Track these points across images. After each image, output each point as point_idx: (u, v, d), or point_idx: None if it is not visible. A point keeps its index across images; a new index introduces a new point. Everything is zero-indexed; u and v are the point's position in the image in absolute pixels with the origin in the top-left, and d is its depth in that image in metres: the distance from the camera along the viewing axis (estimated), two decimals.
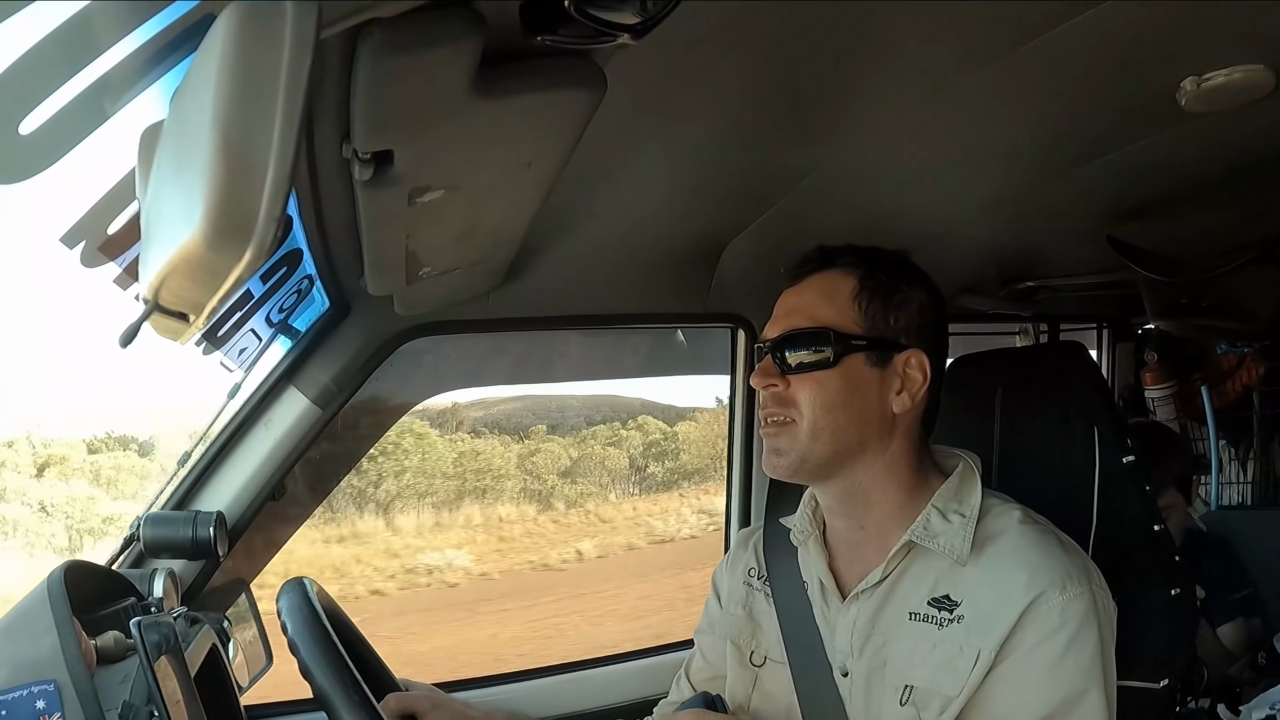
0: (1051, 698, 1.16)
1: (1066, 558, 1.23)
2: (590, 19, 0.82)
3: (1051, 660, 1.17)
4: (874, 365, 1.31)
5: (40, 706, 1.06)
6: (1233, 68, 1.24)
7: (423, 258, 1.47)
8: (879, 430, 1.32)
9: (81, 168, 0.92)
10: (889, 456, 1.33)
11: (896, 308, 1.33)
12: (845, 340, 1.30)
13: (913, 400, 1.32)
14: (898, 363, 1.32)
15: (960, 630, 1.22)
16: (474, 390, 12.77)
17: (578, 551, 13.71)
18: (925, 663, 1.24)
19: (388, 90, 0.88)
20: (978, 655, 1.19)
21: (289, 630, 1.32)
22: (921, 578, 1.29)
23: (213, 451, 1.84)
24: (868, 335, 1.31)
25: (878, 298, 1.33)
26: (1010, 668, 1.18)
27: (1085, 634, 1.18)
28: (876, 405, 1.31)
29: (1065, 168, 1.65)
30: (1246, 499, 3.17)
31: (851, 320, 1.32)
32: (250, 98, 0.60)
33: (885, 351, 1.31)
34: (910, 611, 1.28)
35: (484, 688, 2.18)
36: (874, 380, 1.31)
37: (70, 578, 1.24)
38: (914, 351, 1.32)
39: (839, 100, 1.33)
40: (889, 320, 1.32)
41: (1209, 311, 2.23)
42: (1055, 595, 1.18)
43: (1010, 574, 1.22)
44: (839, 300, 1.33)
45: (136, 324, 0.80)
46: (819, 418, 1.30)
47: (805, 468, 1.33)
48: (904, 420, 1.33)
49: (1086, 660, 1.17)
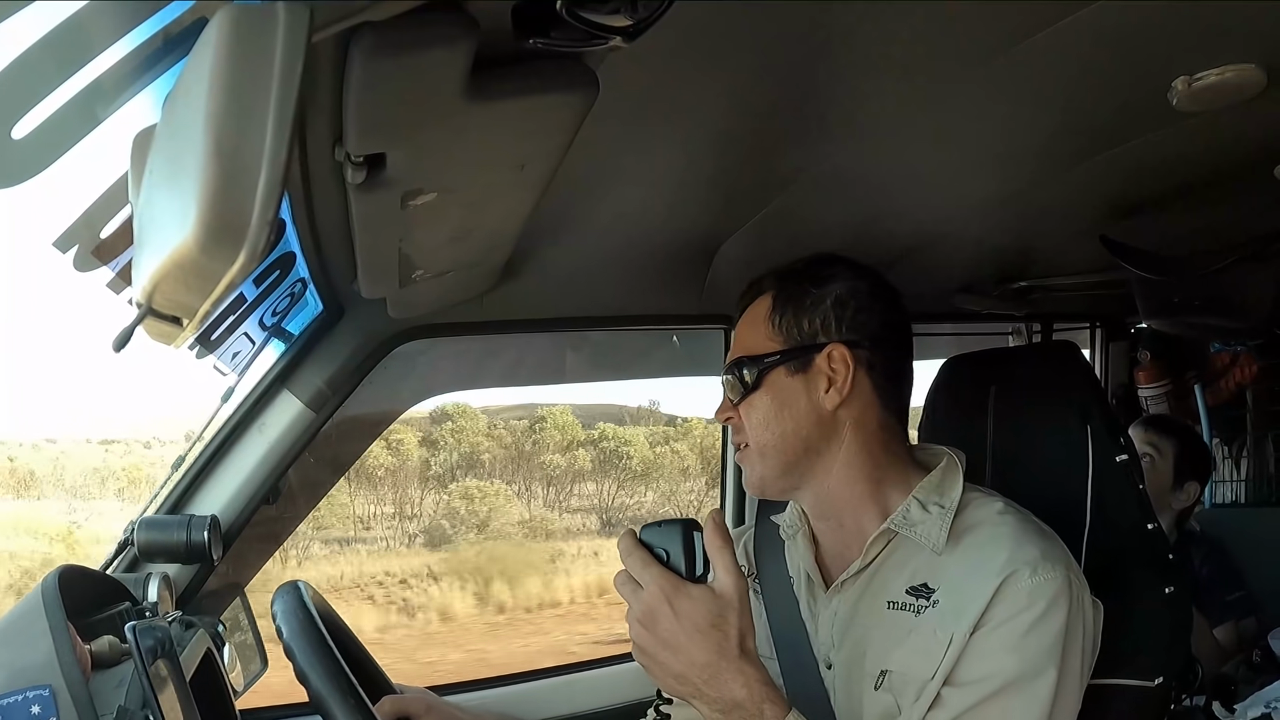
0: (1006, 672, 1.16)
1: (1044, 543, 1.24)
2: (582, 22, 0.82)
3: (1013, 636, 1.17)
4: (794, 373, 1.35)
5: (35, 712, 1.05)
6: (1225, 67, 1.24)
7: (416, 260, 1.47)
8: (822, 432, 1.35)
9: (74, 172, 0.92)
10: (845, 454, 1.35)
11: (808, 311, 1.36)
12: (759, 360, 1.36)
13: (842, 393, 1.34)
14: (819, 362, 1.34)
15: (935, 614, 1.23)
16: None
17: None
18: (900, 648, 1.25)
19: (380, 93, 0.88)
20: (951, 638, 1.19)
21: (284, 634, 1.32)
22: (901, 568, 1.30)
23: (207, 455, 1.84)
24: (781, 349, 1.36)
25: (789, 309, 1.37)
26: (974, 642, 1.19)
27: (1051, 616, 1.18)
28: (809, 409, 1.34)
29: (1058, 168, 1.65)
30: (1240, 497, 3.19)
31: (768, 339, 1.37)
32: (243, 101, 0.61)
33: (801, 356, 1.35)
34: (889, 600, 1.29)
35: (477, 690, 2.18)
36: (798, 387, 1.35)
37: (65, 583, 1.24)
38: (832, 346, 1.34)
39: (832, 102, 1.33)
40: (801, 326, 1.36)
41: (1202, 310, 2.23)
42: (1026, 576, 1.19)
43: (986, 559, 1.23)
44: (758, 324, 1.39)
45: (130, 328, 0.80)
46: (760, 437, 1.35)
47: (769, 484, 1.38)
48: (848, 415, 1.35)
49: (1049, 641, 1.17)
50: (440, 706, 1.56)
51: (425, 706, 1.53)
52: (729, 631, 1.09)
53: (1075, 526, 1.46)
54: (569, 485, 14.22)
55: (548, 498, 14.09)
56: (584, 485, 14.35)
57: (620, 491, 14.28)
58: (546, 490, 14.10)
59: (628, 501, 14.17)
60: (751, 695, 1.09)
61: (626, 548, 1.14)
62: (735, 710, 1.09)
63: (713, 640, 1.08)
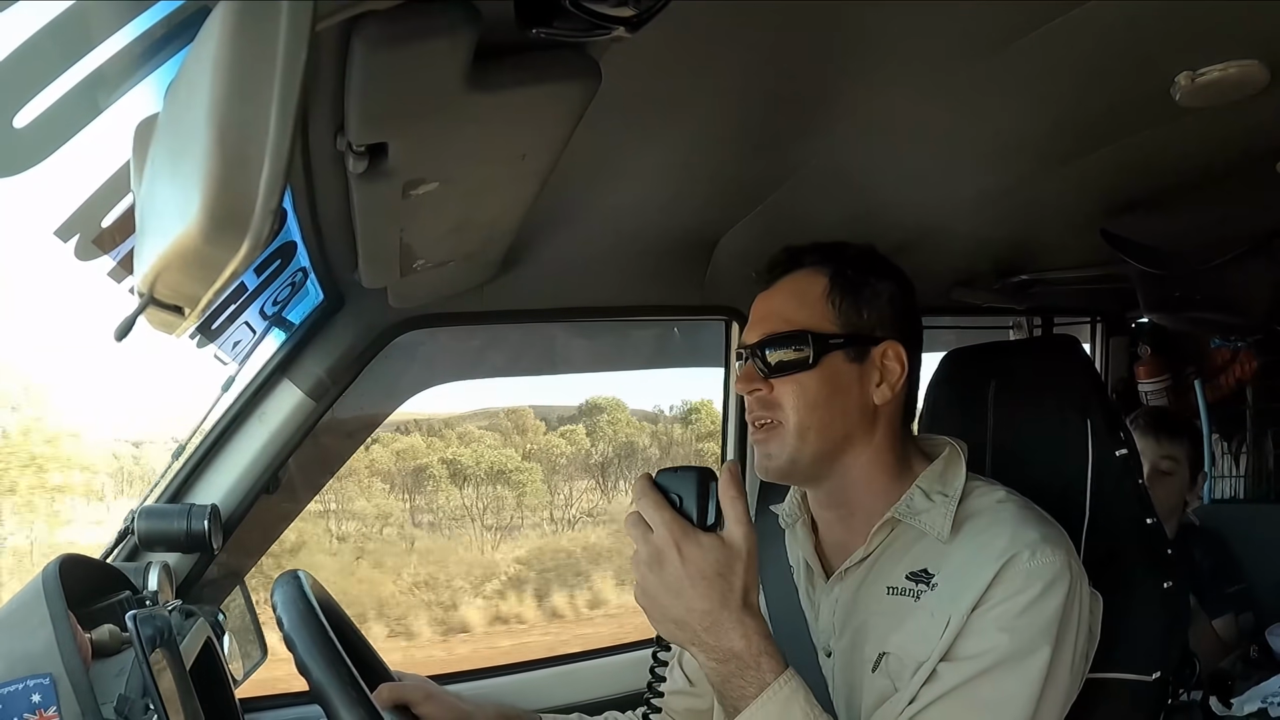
0: (1000, 650, 1.16)
1: (1044, 528, 1.24)
2: (585, 12, 0.82)
3: (1008, 616, 1.17)
4: (852, 361, 1.33)
5: (36, 700, 1.06)
6: (1227, 63, 1.24)
7: (417, 250, 1.47)
8: (863, 423, 1.34)
9: (77, 161, 0.92)
10: (874, 448, 1.35)
11: (868, 301, 1.35)
12: (822, 340, 1.32)
13: (893, 391, 1.34)
14: (875, 356, 1.34)
15: (933, 597, 1.24)
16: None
17: None
18: (898, 631, 1.25)
19: (382, 83, 0.88)
20: (949, 620, 1.19)
21: (284, 624, 1.32)
22: (902, 555, 1.30)
23: (207, 444, 1.84)
24: (843, 332, 1.33)
25: (849, 294, 1.35)
26: (971, 621, 1.19)
27: (1048, 597, 1.18)
28: (858, 400, 1.34)
29: (1060, 162, 1.65)
30: (1239, 493, 3.19)
31: (826, 319, 1.34)
32: (245, 91, 0.60)
33: (862, 346, 1.34)
34: (889, 586, 1.29)
35: (477, 680, 2.18)
36: (854, 375, 1.33)
37: (65, 571, 1.24)
38: (890, 343, 1.34)
39: (834, 95, 1.33)
40: (862, 315, 1.35)
41: (1203, 305, 2.23)
42: (1025, 559, 1.19)
43: (987, 543, 1.23)
44: (811, 300, 1.36)
45: (131, 317, 0.80)
46: (804, 418, 1.32)
47: (797, 469, 1.35)
48: (886, 411, 1.35)
49: (1044, 621, 1.17)
50: (439, 694, 1.55)
51: (424, 694, 1.53)
52: (734, 582, 1.09)
53: (1074, 520, 1.46)
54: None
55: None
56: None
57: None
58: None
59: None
60: (749, 647, 1.09)
61: (641, 489, 1.13)
62: (732, 660, 1.09)
63: (716, 589, 1.08)
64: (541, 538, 12.30)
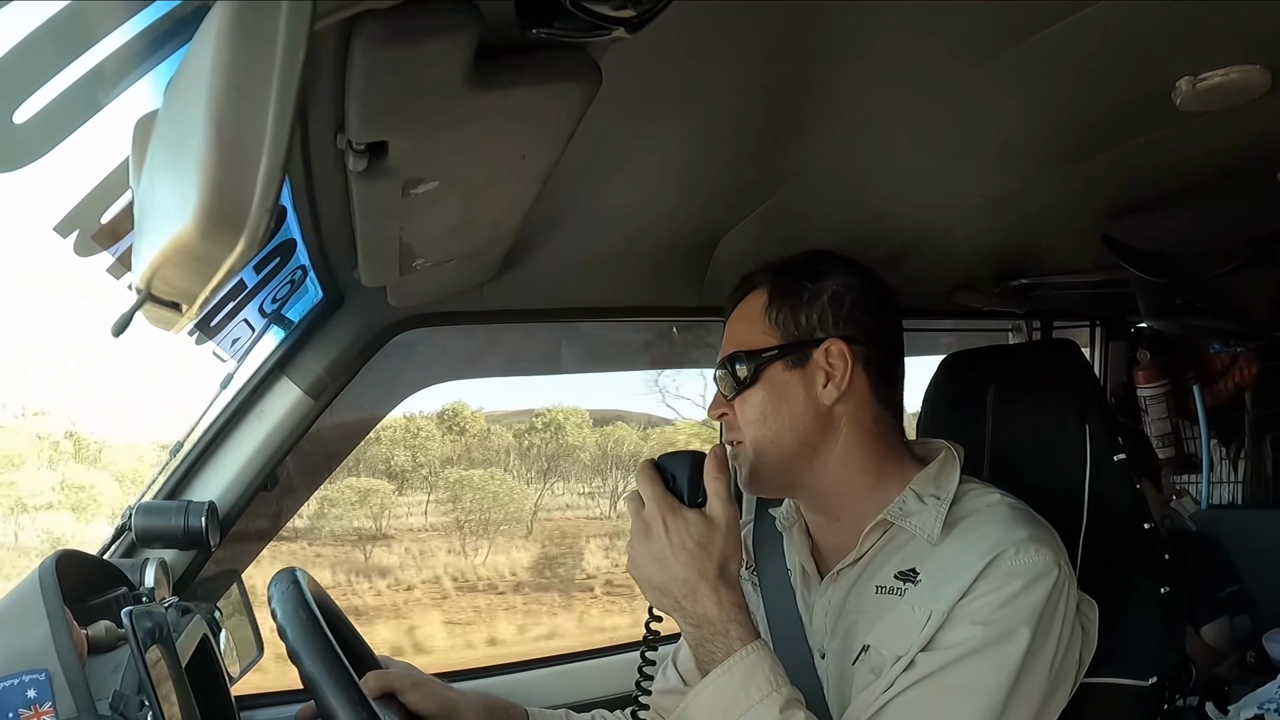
0: (975, 639, 1.17)
1: (1033, 528, 1.25)
2: (586, 13, 0.82)
3: (988, 610, 1.18)
4: (792, 368, 1.36)
5: (31, 695, 1.06)
6: (1229, 68, 1.24)
7: (417, 249, 1.47)
8: (819, 427, 1.36)
9: (75, 157, 0.92)
10: (841, 449, 1.36)
11: (805, 306, 1.38)
12: (756, 355, 1.37)
13: (840, 388, 1.35)
14: (817, 357, 1.36)
15: (916, 593, 1.25)
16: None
17: None
18: (879, 624, 1.26)
19: (382, 82, 0.88)
20: (930, 614, 1.20)
21: (279, 619, 1.32)
22: (892, 556, 1.31)
23: (205, 441, 1.84)
24: (779, 343, 1.37)
25: (785, 303, 1.39)
26: (952, 614, 1.20)
27: (1029, 591, 1.19)
28: (806, 404, 1.35)
29: (1060, 166, 1.65)
30: (1237, 498, 3.19)
31: (765, 334, 1.38)
32: (245, 88, 0.60)
33: (799, 351, 1.36)
34: (877, 586, 1.30)
35: (469, 680, 2.18)
36: (796, 382, 1.36)
37: (62, 567, 1.24)
38: (831, 341, 1.36)
39: (835, 97, 1.33)
40: (799, 321, 1.38)
41: (1202, 311, 2.23)
42: (1010, 555, 1.20)
43: (974, 542, 1.24)
44: (753, 319, 1.41)
45: (129, 313, 0.80)
46: (755, 433, 1.36)
47: (763, 482, 1.39)
48: (845, 410, 1.36)
49: (1024, 613, 1.18)
50: (425, 682, 1.55)
51: (411, 682, 1.53)
52: (712, 553, 1.19)
53: (1072, 525, 1.46)
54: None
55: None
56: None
57: None
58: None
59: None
60: (721, 614, 1.18)
61: (642, 470, 1.25)
62: (705, 625, 1.19)
63: (696, 559, 1.18)
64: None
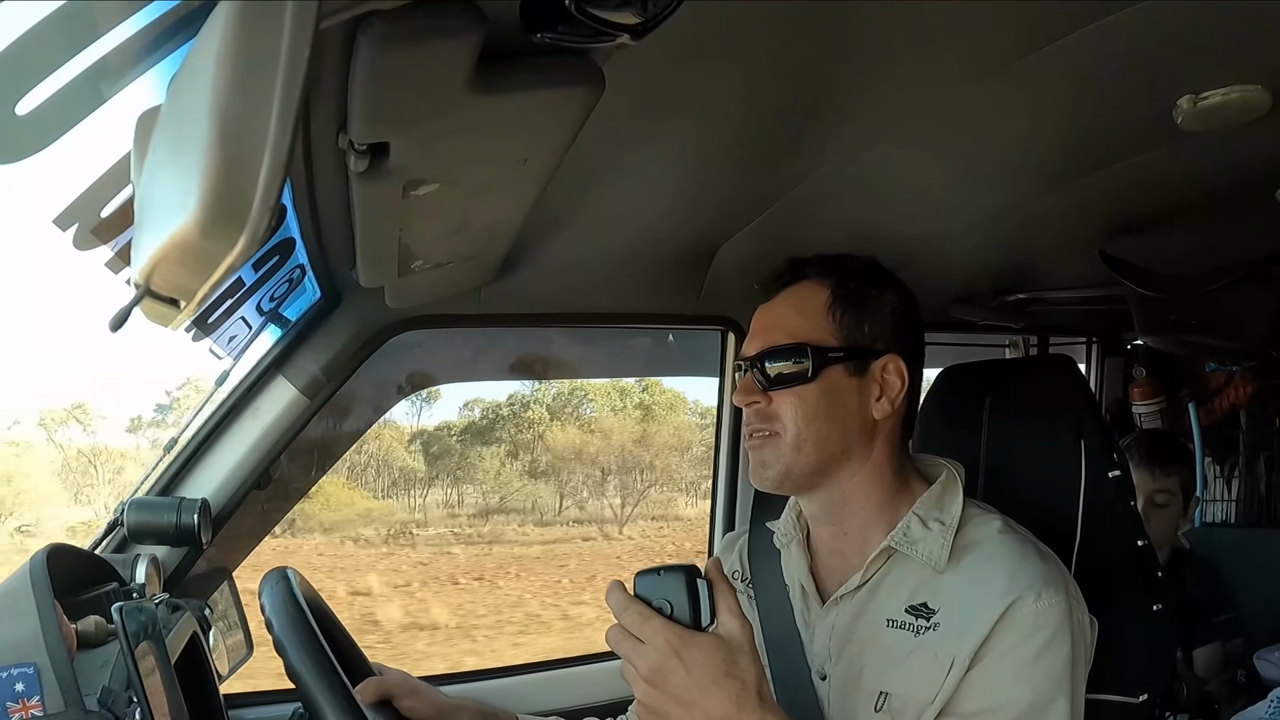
0: (1019, 703, 1.16)
1: (1044, 566, 1.23)
2: (591, 18, 0.82)
3: (1022, 665, 1.17)
4: (852, 374, 1.33)
5: (19, 689, 1.05)
6: (1230, 88, 1.24)
7: (415, 251, 1.47)
8: (861, 438, 1.33)
9: (77, 150, 0.92)
10: (872, 463, 1.34)
11: (870, 314, 1.34)
12: (822, 353, 1.32)
13: (893, 405, 1.33)
14: (875, 369, 1.33)
15: (936, 637, 1.23)
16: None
17: None
18: (900, 669, 1.24)
19: (386, 83, 0.88)
20: (952, 662, 1.19)
21: (270, 619, 1.31)
22: (900, 584, 1.29)
23: (199, 438, 1.84)
24: (844, 345, 1.33)
25: (851, 306, 1.34)
26: (982, 671, 1.18)
27: (1058, 643, 1.18)
28: (857, 413, 1.33)
29: (1060, 182, 1.65)
30: (1231, 517, 3.19)
31: (827, 331, 1.33)
32: (248, 86, 0.60)
33: (862, 359, 1.33)
34: (888, 619, 1.28)
35: (459, 684, 2.17)
36: (853, 389, 1.32)
37: (53, 561, 1.24)
38: (891, 357, 1.34)
39: (837, 108, 1.33)
40: (863, 328, 1.34)
41: (1199, 329, 2.24)
42: (1030, 601, 1.18)
43: (987, 581, 1.22)
44: (813, 312, 1.35)
45: (127, 308, 0.80)
46: (802, 430, 1.31)
47: (791, 479, 1.34)
48: (885, 426, 1.34)
49: (1057, 669, 1.17)
50: (421, 689, 1.55)
51: (408, 689, 1.53)
52: (745, 679, 1.02)
53: (1065, 540, 1.46)
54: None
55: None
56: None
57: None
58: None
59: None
60: None
61: (621, 602, 1.05)
62: None
63: (729, 690, 1.01)
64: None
